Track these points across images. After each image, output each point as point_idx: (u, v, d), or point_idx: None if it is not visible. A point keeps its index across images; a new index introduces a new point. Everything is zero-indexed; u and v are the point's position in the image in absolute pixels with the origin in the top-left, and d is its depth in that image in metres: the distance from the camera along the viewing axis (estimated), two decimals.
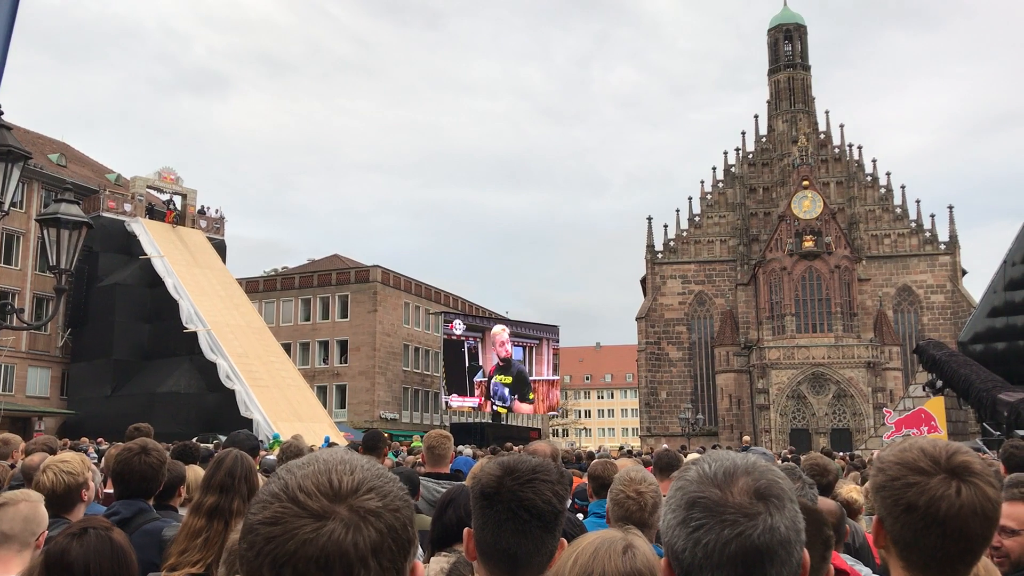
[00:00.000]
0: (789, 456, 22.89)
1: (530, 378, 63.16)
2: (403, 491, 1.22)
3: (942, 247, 66.41)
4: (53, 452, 8.41)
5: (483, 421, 59.24)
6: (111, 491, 5.73)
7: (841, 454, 24.90)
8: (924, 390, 31.10)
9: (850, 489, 5.97)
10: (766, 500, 1.44)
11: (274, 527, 1.13)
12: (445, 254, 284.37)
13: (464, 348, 59.74)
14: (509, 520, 2.14)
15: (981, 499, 1.78)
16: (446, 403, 59.03)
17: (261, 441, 20.41)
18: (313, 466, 1.19)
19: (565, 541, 2.19)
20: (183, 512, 4.82)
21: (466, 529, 2.25)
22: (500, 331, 62.15)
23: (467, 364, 59.52)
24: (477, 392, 59.65)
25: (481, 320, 65.00)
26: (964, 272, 66.60)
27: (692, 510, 1.46)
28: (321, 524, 1.12)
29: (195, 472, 5.65)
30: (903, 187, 68.50)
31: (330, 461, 1.20)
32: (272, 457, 10.09)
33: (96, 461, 9.07)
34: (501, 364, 61.22)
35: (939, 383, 29.68)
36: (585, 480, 6.34)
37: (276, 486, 1.18)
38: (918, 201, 67.91)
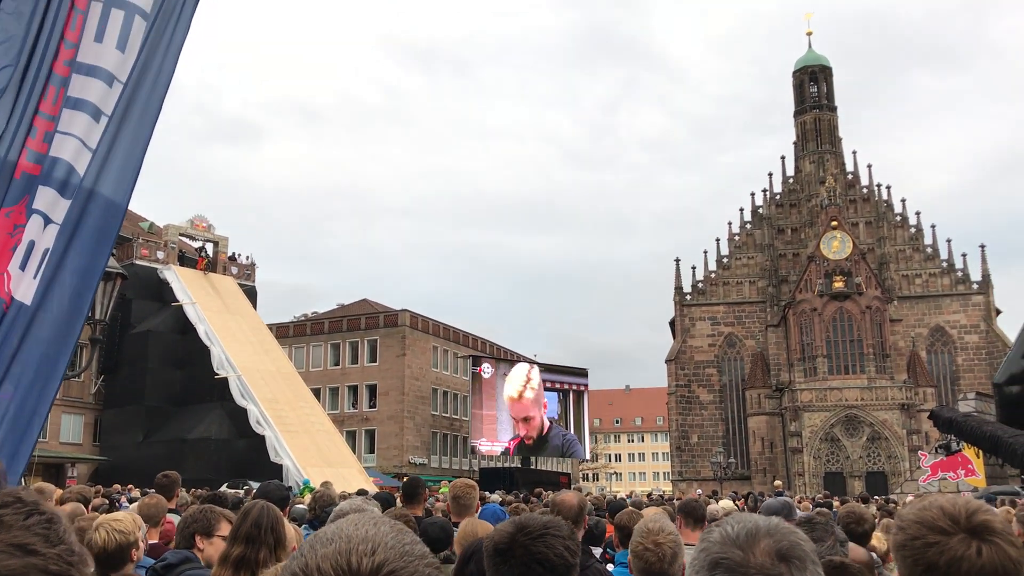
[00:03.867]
0: (823, 501, 22.56)
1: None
2: (430, 568, 1.15)
3: (975, 286, 65.49)
4: (87, 502, 8.51)
5: (512, 466, 58.79)
6: (152, 542, 5.82)
7: (876, 498, 24.51)
8: (937, 451, 30.60)
9: (876, 537, 5.90)
10: (788, 561, 1.47)
11: None
12: (474, 297, 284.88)
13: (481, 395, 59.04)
14: (524, 575, 2.18)
15: (1002, 559, 1.76)
16: (474, 448, 58.73)
17: (290, 488, 20.41)
18: (334, 544, 1.14)
19: None
20: None
21: None
22: (522, 389, 59.72)
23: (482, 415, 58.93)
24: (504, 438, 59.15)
25: (510, 364, 64.76)
26: (999, 312, 65.59)
27: (715, 571, 1.49)
28: None
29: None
30: (933, 226, 67.85)
31: (353, 539, 1.14)
32: (302, 506, 10.10)
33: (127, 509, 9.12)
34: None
35: (954, 444, 29.17)
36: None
37: (297, 565, 1.14)
38: (949, 240, 67.24)
